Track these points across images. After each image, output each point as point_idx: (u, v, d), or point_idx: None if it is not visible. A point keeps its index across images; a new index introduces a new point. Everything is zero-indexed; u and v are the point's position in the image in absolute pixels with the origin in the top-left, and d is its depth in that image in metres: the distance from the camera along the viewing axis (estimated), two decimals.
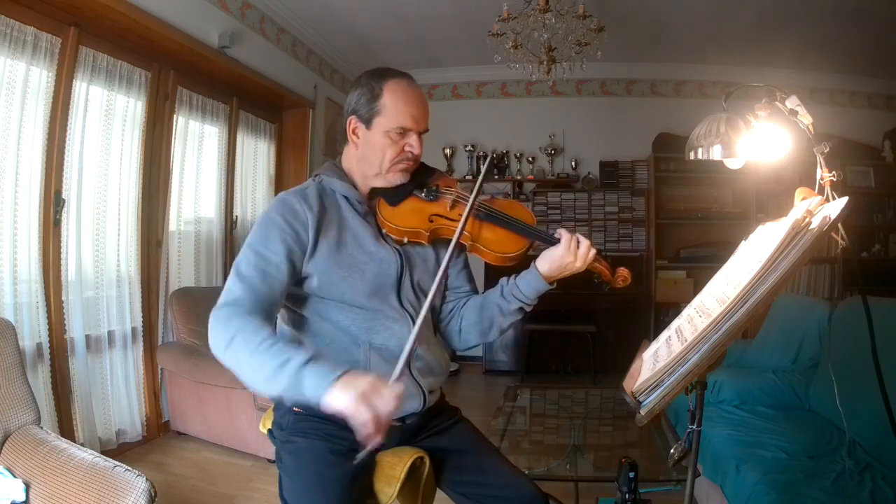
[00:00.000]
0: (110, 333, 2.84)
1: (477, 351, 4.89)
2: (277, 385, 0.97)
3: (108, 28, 2.64)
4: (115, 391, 2.86)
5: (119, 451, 2.78)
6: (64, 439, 1.56)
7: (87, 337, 2.70)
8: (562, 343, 4.64)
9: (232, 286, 1.10)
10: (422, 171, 1.29)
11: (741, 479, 1.79)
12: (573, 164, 5.07)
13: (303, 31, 4.11)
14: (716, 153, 1.39)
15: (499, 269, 1.28)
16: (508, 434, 2.24)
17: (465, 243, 1.24)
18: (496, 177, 5.10)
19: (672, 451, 1.06)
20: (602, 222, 4.94)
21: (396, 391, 0.94)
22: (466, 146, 5.17)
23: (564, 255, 1.20)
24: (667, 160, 4.75)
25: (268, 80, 3.72)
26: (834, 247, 1.24)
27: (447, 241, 1.22)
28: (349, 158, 1.28)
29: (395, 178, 1.24)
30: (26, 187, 2.38)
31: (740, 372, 2.61)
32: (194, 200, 3.46)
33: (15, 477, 1.44)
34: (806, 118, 1.21)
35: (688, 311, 1.10)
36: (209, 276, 3.58)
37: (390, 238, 1.24)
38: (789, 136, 1.34)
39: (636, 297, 4.63)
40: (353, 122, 1.23)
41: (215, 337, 1.04)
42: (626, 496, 1.49)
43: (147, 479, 1.32)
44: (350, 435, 1.18)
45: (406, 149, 1.21)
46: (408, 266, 1.25)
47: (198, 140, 3.44)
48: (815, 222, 0.91)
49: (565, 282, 1.28)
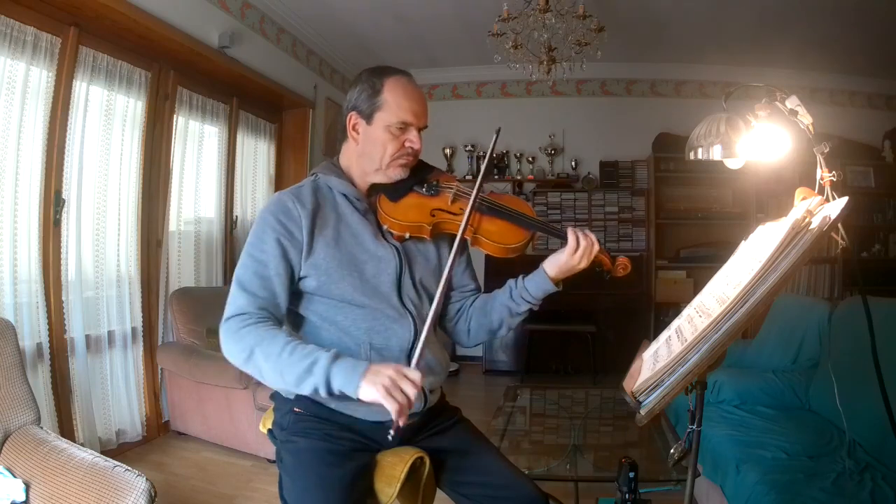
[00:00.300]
0: (110, 333, 2.84)
1: (477, 351, 4.89)
2: (307, 387, 1.05)
3: (108, 28, 2.64)
4: (115, 391, 2.86)
5: (119, 451, 2.78)
6: (64, 439, 1.56)
7: (87, 337, 2.70)
8: (562, 343, 4.64)
9: (235, 297, 1.14)
10: (420, 167, 1.30)
11: (741, 479, 1.79)
12: (573, 164, 5.07)
13: (303, 31, 4.11)
14: (716, 153, 1.39)
15: (500, 262, 1.28)
16: (508, 434, 2.24)
17: (467, 237, 1.24)
18: (496, 177, 5.10)
19: (672, 451, 1.06)
20: (602, 222, 4.94)
21: (417, 377, 1.02)
22: (466, 146, 5.17)
23: (569, 259, 1.22)
24: (667, 160, 4.75)
25: (268, 80, 3.72)
26: (834, 247, 1.24)
27: (449, 235, 1.23)
28: (348, 155, 1.28)
29: (395, 174, 1.24)
30: (26, 187, 2.38)
31: (740, 372, 2.61)
32: (194, 200, 3.46)
33: (15, 477, 1.44)
34: (806, 118, 1.21)
35: (688, 311, 1.10)
36: (209, 276, 3.58)
37: (391, 235, 1.25)
38: (789, 136, 1.34)
39: (636, 297, 4.63)
40: (353, 117, 1.23)
41: (231, 352, 1.11)
42: (626, 496, 1.49)
43: (147, 479, 1.32)
44: (350, 435, 1.19)
45: (406, 144, 1.22)
46: (408, 263, 1.25)
47: (198, 140, 3.44)
48: (815, 222, 0.91)
49: (566, 279, 1.29)
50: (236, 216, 3.83)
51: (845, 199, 0.92)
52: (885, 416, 1.08)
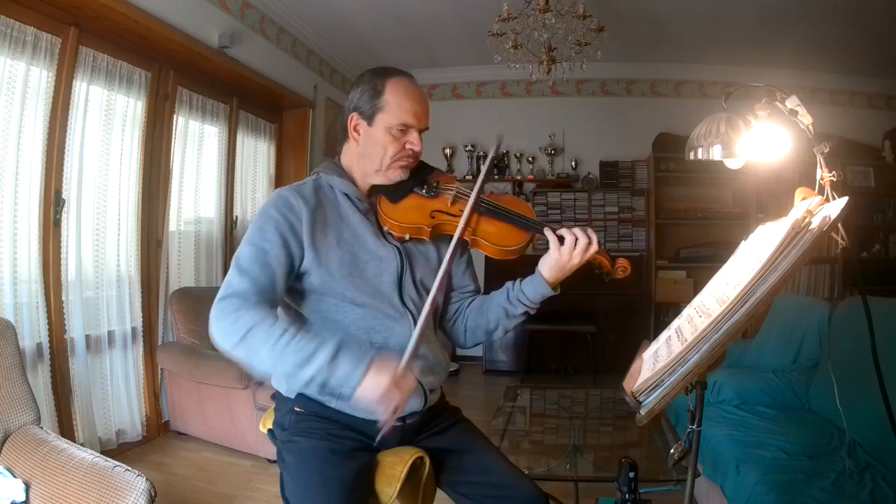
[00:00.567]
0: (110, 333, 2.84)
1: (477, 351, 4.89)
2: (303, 377, 1.02)
3: (108, 28, 2.64)
4: (115, 391, 2.86)
5: (119, 451, 2.78)
6: (64, 439, 1.56)
7: (87, 337, 2.70)
8: (562, 343, 4.64)
9: (233, 280, 1.10)
10: (421, 168, 1.30)
11: (741, 479, 1.79)
12: (573, 164, 5.07)
13: (303, 31, 4.11)
14: (716, 153, 1.39)
15: (500, 264, 1.28)
16: (508, 434, 2.24)
17: (466, 238, 1.24)
18: (496, 177, 5.10)
19: (672, 451, 1.06)
20: (602, 222, 4.94)
21: (411, 385, 1.05)
22: (466, 146, 5.17)
23: (559, 257, 1.20)
24: (667, 160, 4.76)
25: (268, 80, 3.72)
26: (834, 247, 1.24)
27: (449, 237, 1.22)
28: (349, 156, 1.29)
29: (395, 175, 1.24)
30: (26, 187, 2.38)
31: (740, 372, 2.61)
32: (194, 200, 3.46)
33: (15, 477, 1.44)
34: (806, 118, 1.21)
35: (688, 311, 1.10)
36: (209, 276, 3.58)
37: (391, 235, 1.25)
38: (789, 136, 1.34)
39: (636, 297, 4.63)
40: (354, 118, 1.23)
41: (224, 330, 1.05)
42: (626, 496, 1.49)
43: (147, 479, 1.32)
44: (352, 434, 1.19)
45: (407, 146, 1.22)
46: (409, 263, 1.25)
47: (198, 140, 3.44)
48: (815, 222, 0.91)
49: (565, 281, 1.29)
50: (236, 216, 3.83)
51: (845, 199, 0.92)
52: (885, 416, 1.08)
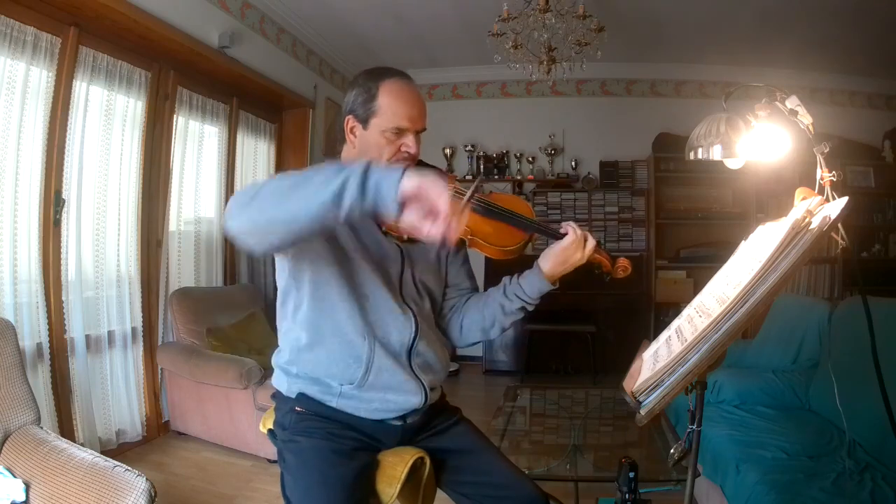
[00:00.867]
0: (110, 333, 2.84)
1: (477, 351, 4.89)
2: (331, 188, 0.85)
3: (108, 28, 2.64)
4: (115, 391, 2.86)
5: (119, 451, 2.78)
6: (64, 439, 1.56)
7: (87, 337, 2.70)
8: (562, 343, 4.64)
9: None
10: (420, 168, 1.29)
11: (741, 479, 1.79)
12: (573, 164, 5.07)
13: (303, 31, 4.11)
14: (716, 153, 1.39)
15: (499, 264, 1.28)
16: (508, 434, 2.24)
17: (464, 238, 1.24)
18: (496, 177, 5.10)
19: (672, 451, 1.06)
20: (602, 222, 4.94)
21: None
22: (466, 146, 5.17)
23: (567, 248, 1.21)
24: (667, 160, 4.75)
25: (268, 80, 3.72)
26: (834, 247, 1.24)
27: None
28: (348, 157, 1.28)
29: None
30: (26, 187, 2.38)
31: (740, 372, 2.61)
32: (194, 200, 3.46)
33: (15, 477, 1.44)
34: (806, 118, 1.21)
35: (688, 311, 1.10)
36: (209, 276, 3.58)
37: (391, 236, 1.25)
38: (789, 136, 1.34)
39: (636, 297, 4.63)
40: (350, 121, 1.23)
41: (238, 200, 0.95)
42: (626, 496, 1.49)
43: (147, 479, 1.32)
44: (353, 434, 1.20)
45: (402, 148, 1.21)
46: (409, 262, 1.26)
47: (198, 140, 3.44)
48: (815, 222, 0.91)
49: (565, 280, 1.29)
50: None
51: (845, 199, 0.92)
52: (885, 416, 1.08)
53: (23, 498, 1.40)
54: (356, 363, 1.18)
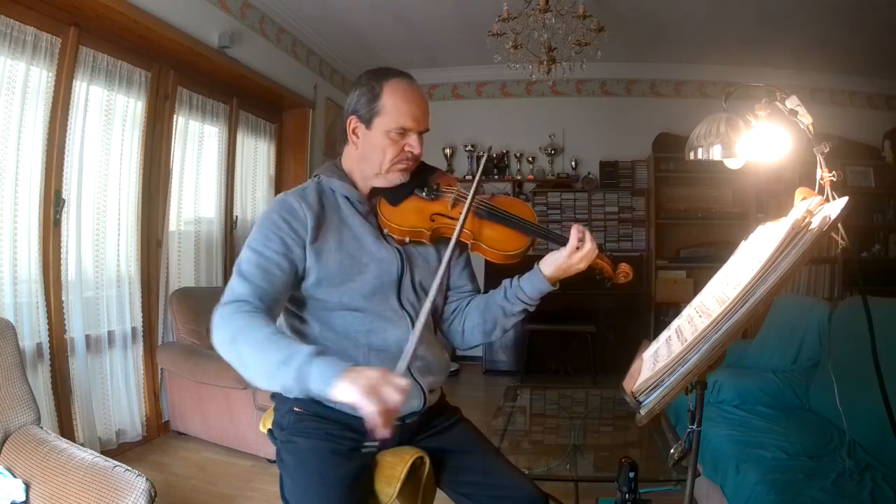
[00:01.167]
0: (110, 333, 2.84)
1: (477, 351, 4.89)
2: (281, 379, 0.97)
3: (108, 28, 2.64)
4: (115, 391, 2.86)
5: (119, 451, 2.78)
6: (64, 439, 1.56)
7: (87, 337, 2.70)
8: (562, 343, 4.64)
9: (234, 285, 1.11)
10: (422, 170, 1.29)
11: (741, 479, 1.79)
12: (573, 164, 5.07)
13: (303, 31, 4.11)
14: (716, 153, 1.39)
15: (500, 267, 1.27)
16: (508, 434, 2.24)
17: (466, 242, 1.24)
18: (496, 177, 5.10)
19: (672, 451, 1.06)
20: (602, 222, 4.94)
21: (402, 384, 0.93)
22: (466, 146, 5.17)
23: (569, 256, 1.21)
24: (667, 160, 4.75)
25: (268, 80, 3.72)
26: (834, 247, 1.24)
27: (449, 239, 1.22)
28: (349, 158, 1.28)
29: (395, 178, 1.24)
30: (26, 187, 2.38)
31: (740, 372, 2.61)
32: (194, 200, 3.46)
33: (15, 477, 1.44)
34: (806, 118, 1.21)
35: (688, 311, 1.10)
36: (209, 276, 3.58)
37: (391, 238, 1.24)
38: (789, 136, 1.34)
39: (636, 297, 4.63)
40: (353, 121, 1.23)
41: (219, 334, 1.05)
42: (626, 496, 1.49)
43: (147, 479, 1.32)
44: (351, 434, 1.19)
45: (406, 149, 1.21)
46: (409, 266, 1.25)
47: (198, 140, 3.44)
48: (815, 222, 0.91)
49: (565, 281, 1.28)
50: (236, 216, 3.83)
51: (845, 199, 0.92)
52: (885, 416, 1.08)
53: (23, 498, 1.40)
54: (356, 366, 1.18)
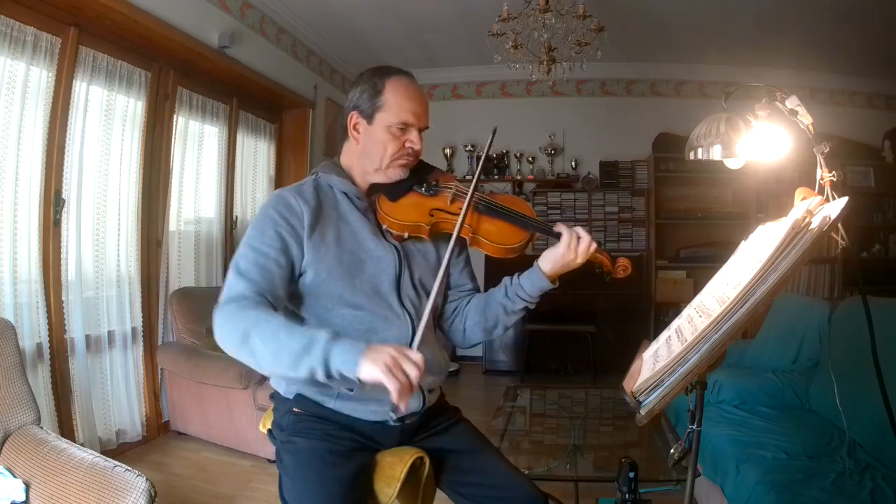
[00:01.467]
0: (110, 333, 2.84)
1: (477, 351, 4.89)
2: (304, 368, 0.98)
3: (108, 28, 2.64)
4: (115, 391, 2.86)
5: (119, 451, 2.78)
6: (64, 439, 1.56)
7: (87, 337, 2.70)
8: (562, 343, 4.63)
9: (233, 283, 1.11)
10: (421, 167, 1.30)
11: (741, 479, 1.79)
12: (573, 164, 5.07)
13: (303, 31, 4.11)
14: (716, 153, 1.39)
15: (500, 265, 1.28)
16: (508, 434, 2.24)
17: (465, 236, 1.24)
18: (496, 177, 5.10)
19: (672, 451, 1.06)
20: (602, 222, 4.94)
21: (418, 358, 0.97)
22: (466, 146, 5.17)
23: (565, 253, 1.21)
24: (667, 160, 4.75)
25: (268, 80, 3.72)
26: (834, 247, 1.24)
27: (448, 235, 1.22)
28: (349, 155, 1.29)
29: (395, 174, 1.24)
30: (26, 187, 2.38)
31: (740, 372, 2.61)
32: (194, 200, 3.46)
33: (15, 477, 1.44)
34: (806, 118, 1.21)
35: (688, 311, 1.10)
36: (209, 276, 3.58)
37: (390, 234, 1.25)
38: (789, 136, 1.34)
39: (636, 297, 4.63)
40: (354, 117, 1.23)
41: (226, 334, 1.04)
42: (626, 496, 1.49)
43: (147, 479, 1.32)
44: (350, 435, 1.19)
45: (407, 144, 1.22)
46: (407, 263, 1.25)
47: (198, 140, 3.44)
48: (815, 222, 0.91)
49: (565, 280, 1.29)
50: (236, 216, 3.83)
51: (845, 199, 0.92)
52: (885, 416, 1.08)
53: (23, 498, 1.39)
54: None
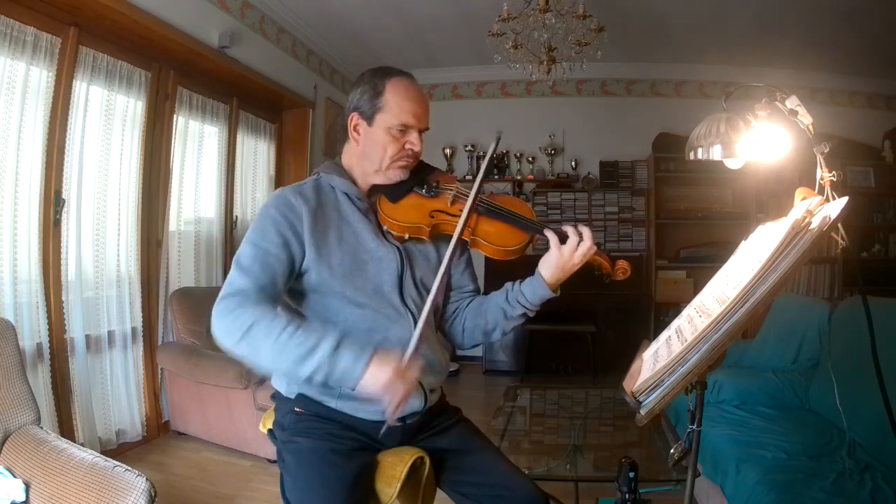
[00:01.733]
0: (110, 333, 2.84)
1: (477, 351, 4.89)
2: (306, 369, 1.02)
3: (108, 28, 2.64)
4: (115, 391, 2.86)
5: (119, 451, 2.78)
6: (64, 439, 1.56)
7: (87, 337, 2.70)
8: (562, 343, 4.63)
9: (234, 278, 1.11)
10: (421, 168, 1.30)
11: (741, 479, 1.79)
12: (573, 164, 5.07)
13: (303, 31, 4.11)
14: (716, 153, 1.39)
15: (499, 264, 1.28)
16: (508, 434, 2.24)
17: (466, 238, 1.24)
18: (496, 177, 5.10)
19: (672, 451, 1.06)
20: (602, 222, 4.94)
21: (419, 365, 1.04)
22: (466, 146, 5.17)
23: (560, 256, 1.20)
24: (667, 160, 4.75)
25: (268, 80, 3.72)
26: (834, 247, 1.24)
27: (448, 236, 1.22)
28: (350, 155, 1.29)
29: (395, 175, 1.24)
30: (26, 187, 2.38)
31: (740, 372, 2.61)
32: (194, 200, 3.46)
33: (15, 477, 1.44)
34: (806, 118, 1.21)
35: (688, 311, 1.10)
36: (209, 276, 3.58)
37: (391, 235, 1.25)
38: (789, 136, 1.34)
39: (636, 297, 4.63)
40: (354, 118, 1.23)
41: (226, 328, 1.05)
42: (626, 496, 1.49)
43: (147, 479, 1.32)
44: (352, 434, 1.19)
45: (407, 146, 1.22)
46: (409, 263, 1.26)
47: (198, 140, 3.44)
48: (815, 222, 0.91)
49: (566, 280, 1.28)
50: (236, 216, 3.83)
51: (845, 199, 0.92)
52: (885, 416, 1.08)
53: (23, 498, 1.39)
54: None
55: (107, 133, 2.77)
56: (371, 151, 1.23)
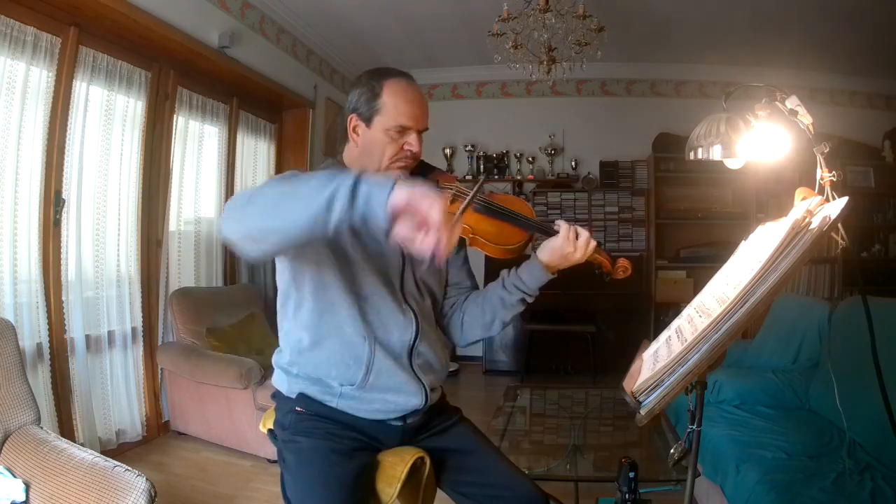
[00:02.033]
0: (110, 333, 2.84)
1: (477, 351, 4.89)
2: (324, 195, 0.84)
3: (108, 28, 2.64)
4: (115, 391, 2.86)
5: (119, 451, 2.78)
6: (64, 439, 1.56)
7: (87, 337, 2.70)
8: (562, 343, 4.64)
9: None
10: (421, 168, 1.30)
11: (741, 479, 1.79)
12: (573, 164, 5.07)
13: (303, 31, 4.11)
14: (716, 153, 1.39)
15: (499, 263, 1.28)
16: (508, 434, 2.24)
17: (465, 237, 1.24)
18: (496, 177, 5.10)
19: (672, 451, 1.06)
20: (602, 222, 4.94)
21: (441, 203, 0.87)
22: (466, 146, 5.17)
23: (564, 245, 1.21)
24: (667, 160, 4.75)
25: (268, 80, 3.72)
26: (834, 247, 1.24)
27: None
28: (350, 156, 1.29)
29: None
30: (26, 187, 2.38)
31: (740, 372, 2.61)
32: (194, 200, 3.46)
33: (15, 477, 1.44)
34: (806, 118, 1.21)
35: (688, 311, 1.10)
36: (209, 276, 3.58)
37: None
38: (789, 136, 1.34)
39: (636, 297, 4.63)
40: (353, 120, 1.24)
41: (229, 207, 0.96)
42: (626, 496, 1.49)
43: (147, 479, 1.32)
44: (353, 434, 1.20)
45: (405, 147, 1.22)
46: (410, 261, 1.26)
47: (198, 140, 3.44)
48: (815, 222, 0.91)
49: (565, 280, 1.29)
50: None
51: (845, 199, 0.92)
52: (885, 416, 1.08)
53: (23, 498, 1.39)
54: (356, 364, 1.18)
55: (107, 133, 2.77)
56: (370, 152, 1.23)
